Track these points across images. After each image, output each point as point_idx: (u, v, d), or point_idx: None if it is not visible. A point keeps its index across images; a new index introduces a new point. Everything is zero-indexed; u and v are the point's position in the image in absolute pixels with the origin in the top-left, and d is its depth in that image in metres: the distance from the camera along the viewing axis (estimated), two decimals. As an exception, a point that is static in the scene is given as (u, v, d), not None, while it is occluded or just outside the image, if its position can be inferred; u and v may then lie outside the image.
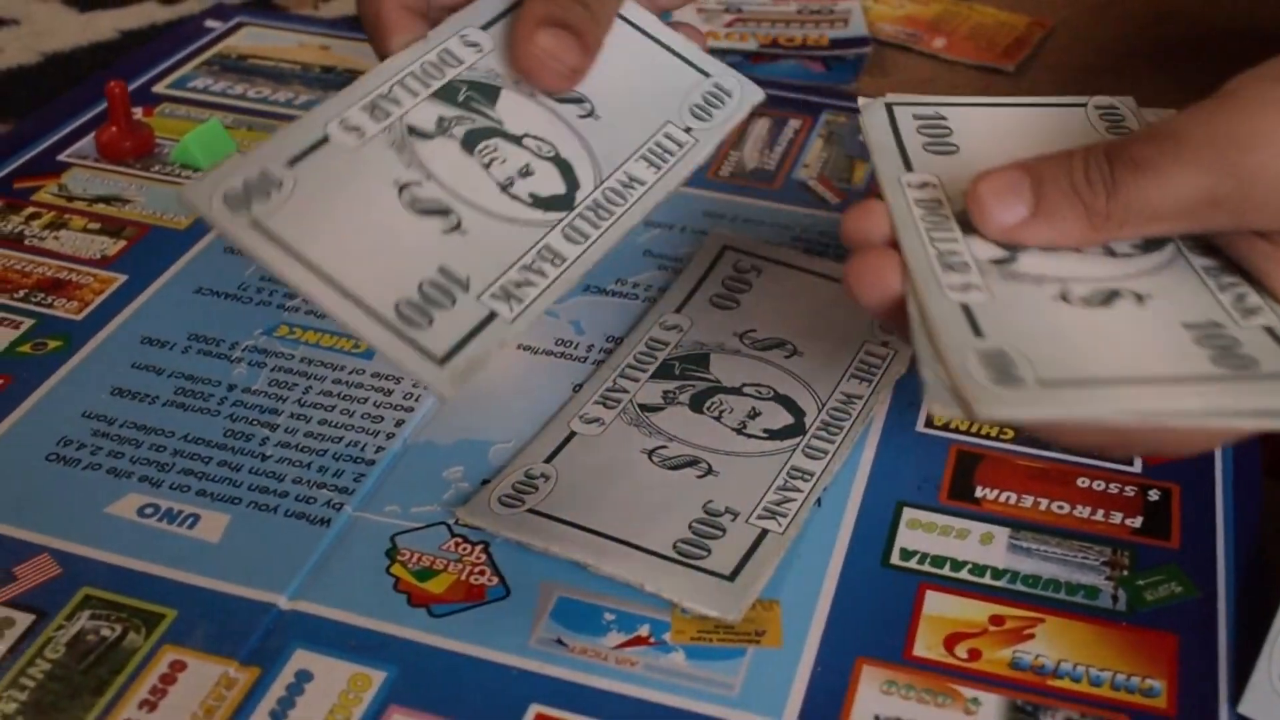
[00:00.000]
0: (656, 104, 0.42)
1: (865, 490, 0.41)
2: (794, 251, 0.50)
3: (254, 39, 0.68)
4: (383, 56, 0.41)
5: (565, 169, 0.40)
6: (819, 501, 0.40)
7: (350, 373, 0.45)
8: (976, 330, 0.33)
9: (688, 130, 0.42)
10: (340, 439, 0.42)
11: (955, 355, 0.32)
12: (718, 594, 0.37)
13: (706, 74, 0.43)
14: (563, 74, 0.40)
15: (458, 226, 0.37)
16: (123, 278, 0.50)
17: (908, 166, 0.39)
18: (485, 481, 0.41)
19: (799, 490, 0.40)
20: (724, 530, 0.39)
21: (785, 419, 0.42)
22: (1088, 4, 0.73)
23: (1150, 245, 0.35)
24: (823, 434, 0.42)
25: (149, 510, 0.40)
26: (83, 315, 0.48)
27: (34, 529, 0.39)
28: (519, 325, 0.35)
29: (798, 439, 0.42)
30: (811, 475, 0.40)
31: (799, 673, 0.35)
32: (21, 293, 0.49)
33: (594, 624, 0.37)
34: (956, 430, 0.44)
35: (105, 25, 0.70)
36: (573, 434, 0.42)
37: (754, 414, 0.42)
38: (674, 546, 0.38)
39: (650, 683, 0.35)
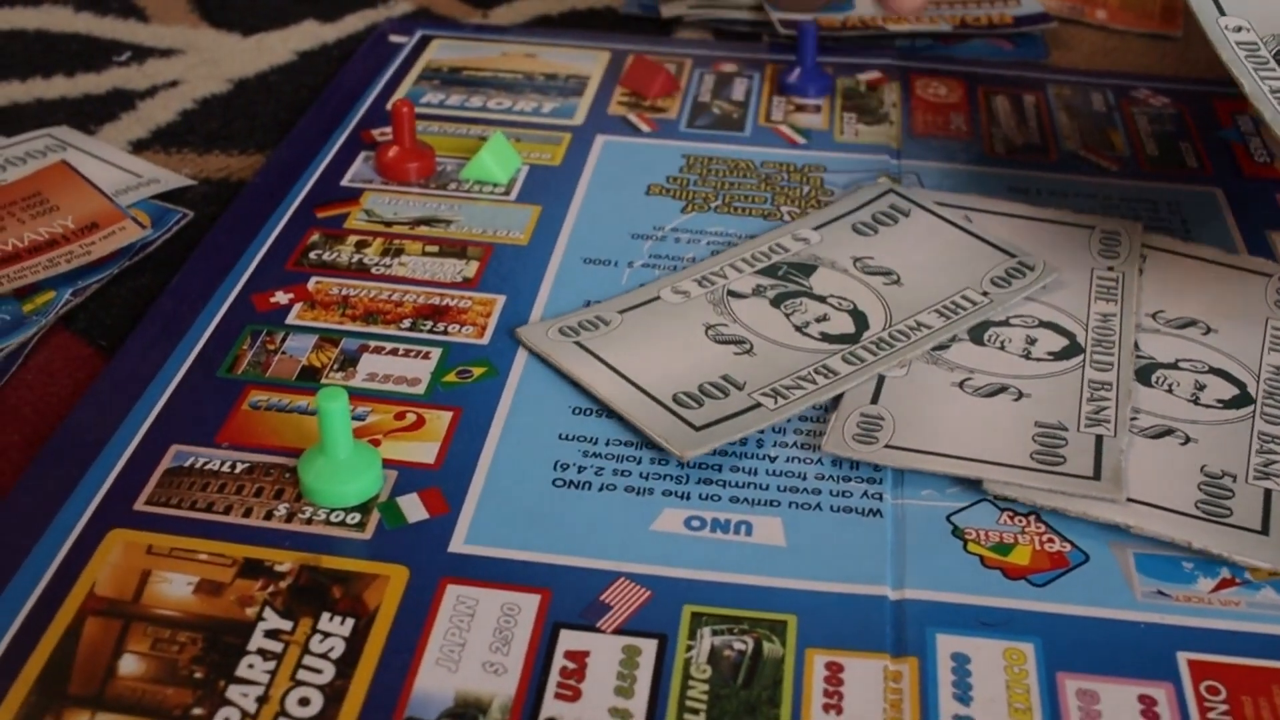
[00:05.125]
0: (959, 275, 0.49)
1: (1318, 425, 0.45)
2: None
3: (451, 51, 0.65)
4: None
5: (859, 317, 0.47)
6: None
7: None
8: None
9: (984, 294, 0.48)
10: (824, 432, 0.42)
11: None
12: (1260, 547, 0.39)
13: (1012, 255, 0.50)
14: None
15: (749, 350, 0.45)
16: (501, 298, 0.48)
17: (1220, 10, 0.44)
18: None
19: (1275, 453, 0.42)
20: (1231, 491, 0.41)
21: (1231, 390, 0.45)
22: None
23: None
24: (1271, 402, 0.44)
25: (695, 523, 0.39)
26: (488, 339, 0.46)
27: (593, 555, 0.38)
28: (779, 415, 0.42)
29: (1250, 408, 0.44)
30: None
31: (1375, 592, 0.39)
32: (407, 323, 0.46)
33: (1180, 573, 0.38)
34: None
35: (278, 48, 0.66)
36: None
37: (1200, 386, 0.45)
38: (1196, 505, 0.40)
39: (1262, 618, 0.37)
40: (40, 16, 0.69)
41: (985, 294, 0.48)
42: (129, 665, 0.34)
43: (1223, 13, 0.45)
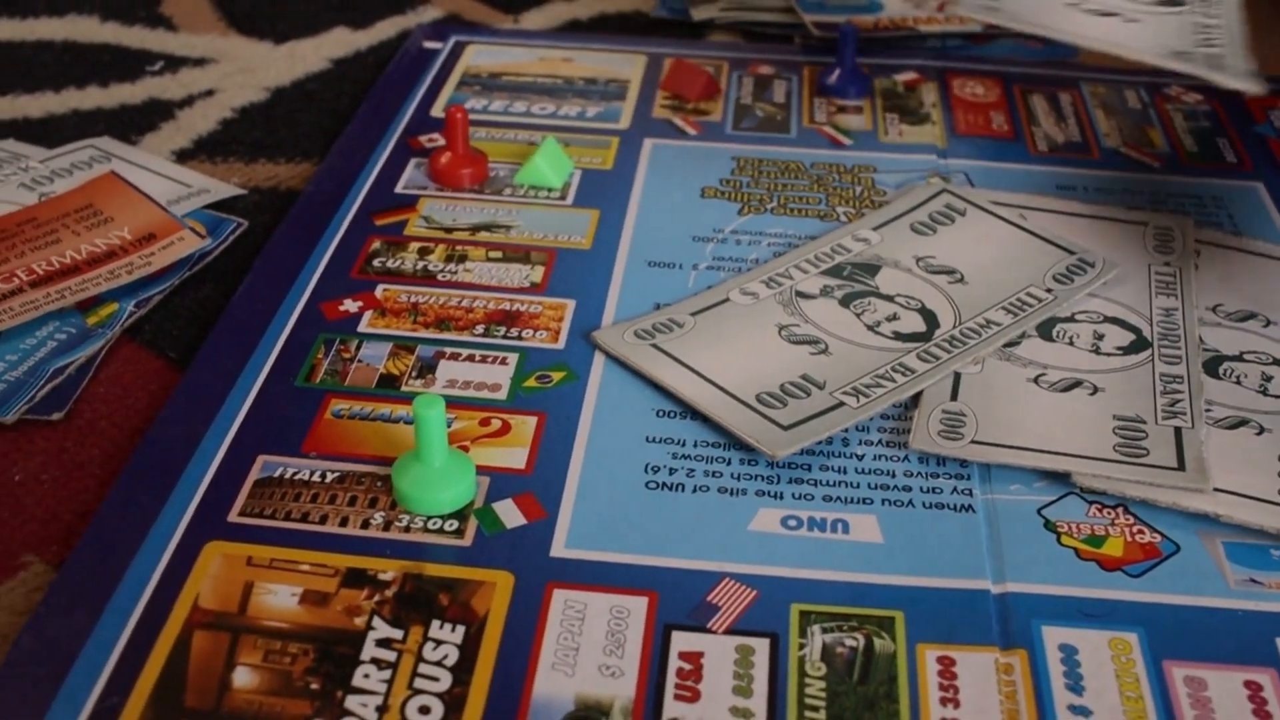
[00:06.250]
0: (1022, 273, 0.50)
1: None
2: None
3: (487, 57, 0.65)
4: None
5: (928, 316, 0.47)
6: None
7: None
8: None
9: (1048, 290, 0.48)
10: (909, 430, 0.43)
11: None
12: None
13: (1071, 252, 0.50)
14: None
15: (825, 350, 0.45)
16: (571, 302, 0.48)
17: None
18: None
19: None
20: None
21: None
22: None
23: None
24: None
25: (792, 522, 0.39)
26: (563, 343, 0.46)
27: (694, 556, 0.38)
28: (862, 413, 0.42)
29: None
30: None
31: None
32: (480, 328, 0.46)
33: (1269, 561, 0.39)
34: None
35: (311, 55, 0.66)
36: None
37: (1267, 377, 0.45)
38: (1279, 494, 0.41)
39: (1354, 604, 0.38)
40: (66, 27, 0.69)
41: (1049, 290, 0.48)
42: (243, 677, 0.34)
43: None
